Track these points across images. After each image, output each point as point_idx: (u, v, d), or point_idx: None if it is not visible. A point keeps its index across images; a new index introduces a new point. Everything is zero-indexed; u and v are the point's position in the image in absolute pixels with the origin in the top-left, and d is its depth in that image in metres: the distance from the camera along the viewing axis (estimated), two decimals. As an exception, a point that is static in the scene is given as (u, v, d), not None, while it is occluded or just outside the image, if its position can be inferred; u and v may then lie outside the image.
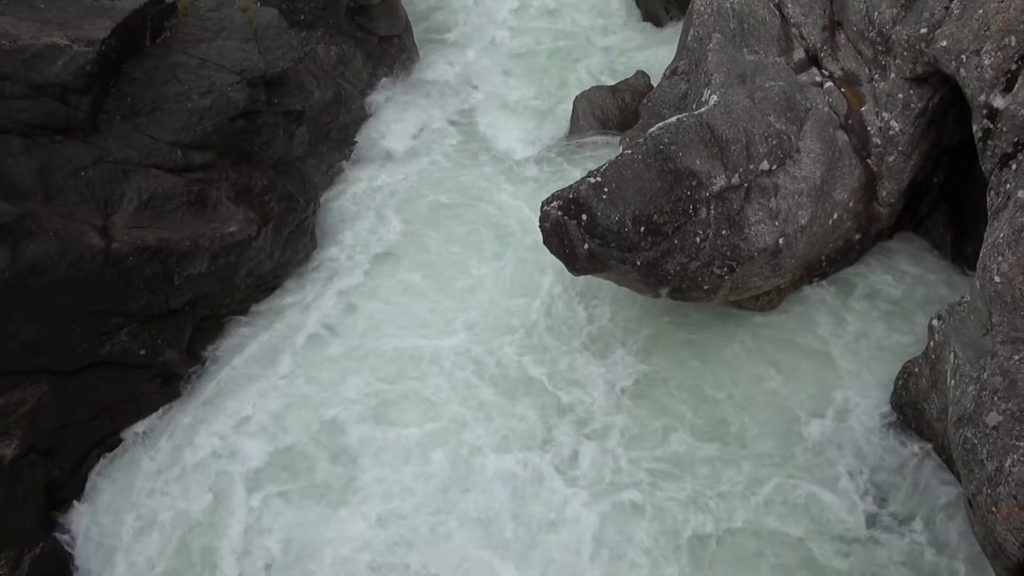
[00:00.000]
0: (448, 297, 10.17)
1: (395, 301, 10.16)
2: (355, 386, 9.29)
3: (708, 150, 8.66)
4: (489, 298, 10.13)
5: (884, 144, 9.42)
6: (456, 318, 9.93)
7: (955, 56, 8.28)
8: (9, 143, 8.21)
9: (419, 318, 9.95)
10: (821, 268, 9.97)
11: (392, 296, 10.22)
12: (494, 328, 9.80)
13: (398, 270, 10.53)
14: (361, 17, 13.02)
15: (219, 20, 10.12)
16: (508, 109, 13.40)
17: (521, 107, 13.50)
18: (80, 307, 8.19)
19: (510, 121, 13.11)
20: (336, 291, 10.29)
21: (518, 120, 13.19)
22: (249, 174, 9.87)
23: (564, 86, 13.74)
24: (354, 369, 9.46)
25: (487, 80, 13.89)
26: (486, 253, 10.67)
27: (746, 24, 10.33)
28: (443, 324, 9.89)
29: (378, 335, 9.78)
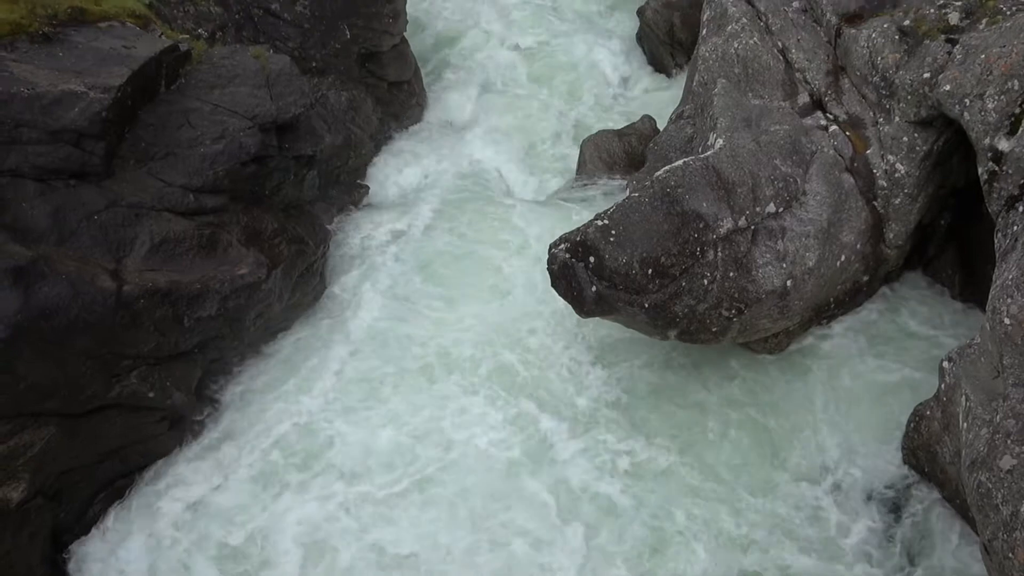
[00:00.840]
0: (453, 345, 10.14)
1: (402, 350, 10.13)
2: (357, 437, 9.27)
3: (715, 193, 8.72)
4: (493, 348, 10.07)
5: (890, 187, 9.47)
6: (460, 368, 9.89)
7: (959, 100, 8.36)
8: (24, 187, 8.32)
9: (423, 365, 9.92)
10: (829, 310, 9.95)
11: (398, 345, 10.19)
12: (498, 380, 9.74)
13: (406, 316, 10.52)
14: (371, 64, 13.26)
15: (232, 67, 10.30)
16: (515, 152, 13.55)
17: (528, 150, 13.66)
18: (91, 349, 8.22)
19: (517, 164, 13.25)
20: (344, 335, 10.29)
21: (525, 163, 13.34)
22: (260, 217, 9.97)
23: (571, 129, 13.91)
24: (359, 421, 9.42)
25: (495, 124, 14.05)
26: (493, 296, 10.67)
27: (751, 69, 10.47)
28: (446, 371, 9.85)
29: (382, 385, 9.76)
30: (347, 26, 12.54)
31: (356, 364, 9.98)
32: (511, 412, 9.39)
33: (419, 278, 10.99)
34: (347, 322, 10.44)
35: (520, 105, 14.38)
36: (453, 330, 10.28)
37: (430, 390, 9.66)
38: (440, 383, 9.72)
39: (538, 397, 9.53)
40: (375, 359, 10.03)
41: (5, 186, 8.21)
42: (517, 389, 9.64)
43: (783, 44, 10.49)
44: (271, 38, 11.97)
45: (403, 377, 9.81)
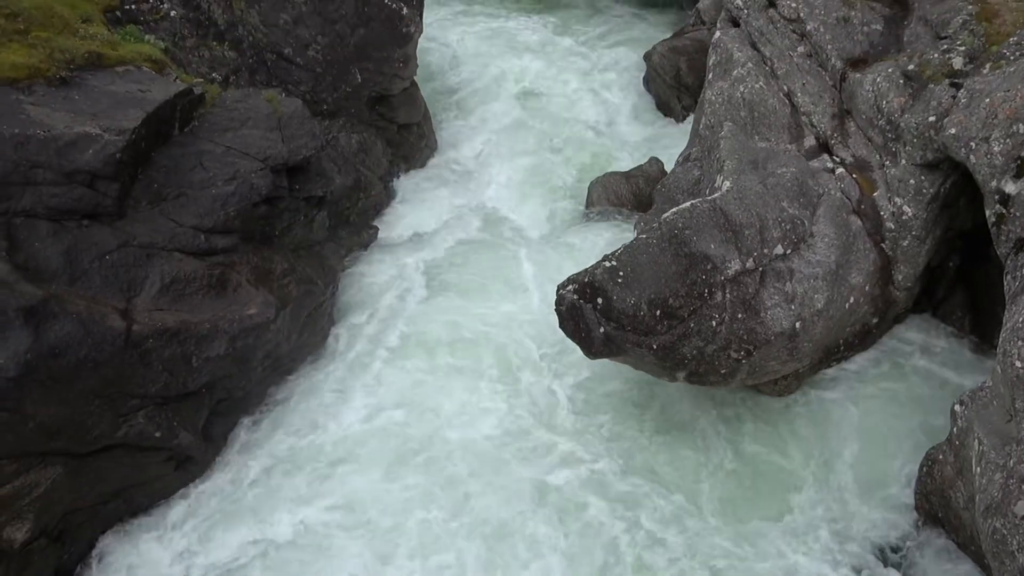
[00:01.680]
0: (456, 392, 10.06)
1: (406, 396, 10.05)
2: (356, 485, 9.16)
3: (722, 235, 8.75)
4: (497, 398, 9.99)
5: (898, 229, 9.49)
6: (460, 418, 9.81)
7: (964, 143, 8.41)
8: (38, 227, 8.41)
9: (426, 411, 9.85)
10: (839, 352, 9.90)
11: (404, 390, 10.12)
12: (501, 424, 9.66)
13: (412, 359, 10.47)
14: (382, 106, 13.45)
15: (245, 110, 10.46)
16: (523, 194, 13.64)
17: (536, 191, 13.75)
18: (99, 389, 8.22)
19: (525, 205, 13.33)
20: (349, 378, 10.25)
21: (533, 204, 13.41)
22: (270, 257, 10.03)
23: (579, 171, 14.01)
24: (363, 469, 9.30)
25: (503, 165, 14.18)
26: (499, 339, 10.63)
27: (757, 113, 10.58)
28: (446, 421, 9.77)
29: (386, 432, 9.66)
30: (358, 70, 12.75)
31: (356, 410, 9.93)
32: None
33: (426, 320, 10.97)
34: (353, 365, 10.38)
35: (528, 147, 14.52)
36: (455, 380, 10.19)
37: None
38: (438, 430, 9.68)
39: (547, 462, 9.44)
40: (375, 405, 9.97)
41: (19, 226, 8.29)
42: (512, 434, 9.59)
43: (789, 88, 10.60)
44: (284, 82, 12.17)
45: (403, 426, 9.74)
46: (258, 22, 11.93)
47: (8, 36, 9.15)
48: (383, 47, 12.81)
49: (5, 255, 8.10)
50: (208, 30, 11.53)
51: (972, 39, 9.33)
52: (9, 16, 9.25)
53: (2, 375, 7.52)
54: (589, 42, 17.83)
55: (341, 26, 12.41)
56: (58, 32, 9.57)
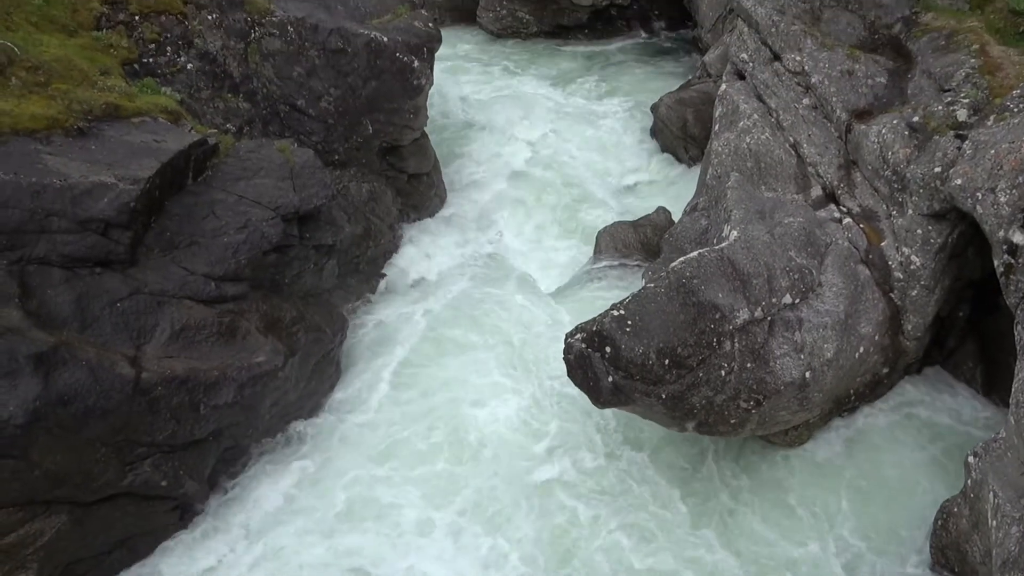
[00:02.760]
0: (459, 447, 9.98)
1: (411, 452, 9.98)
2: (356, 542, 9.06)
3: (730, 284, 8.76)
4: (503, 455, 9.87)
5: (906, 278, 9.48)
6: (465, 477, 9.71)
7: (971, 194, 8.45)
8: (51, 274, 8.48)
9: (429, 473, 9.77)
10: (850, 402, 9.82)
11: (409, 445, 10.05)
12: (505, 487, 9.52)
13: (418, 409, 10.43)
14: (392, 157, 13.63)
15: (258, 160, 10.61)
16: (531, 243, 13.73)
17: (544, 241, 13.84)
18: (106, 437, 8.20)
19: (533, 255, 13.41)
20: (356, 427, 10.19)
21: (541, 254, 13.49)
22: (279, 305, 10.07)
23: (587, 220, 14.10)
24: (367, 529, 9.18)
25: (511, 215, 14.30)
26: (507, 389, 10.58)
27: (763, 163, 10.68)
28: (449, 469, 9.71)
29: (389, 486, 9.58)
30: (370, 121, 12.95)
31: (362, 464, 9.84)
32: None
33: (433, 367, 10.94)
34: (359, 414, 10.33)
35: (536, 197, 14.65)
36: (460, 433, 10.11)
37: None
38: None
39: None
40: (379, 458, 9.89)
41: (32, 273, 8.37)
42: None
43: (794, 139, 10.71)
44: (296, 132, 12.37)
45: (407, 478, 9.65)
46: (272, 75, 12.18)
47: (29, 88, 9.36)
48: (394, 99, 13.03)
49: (18, 302, 8.16)
50: (223, 82, 11.76)
51: (976, 92, 9.44)
52: (31, 69, 9.47)
53: (10, 423, 7.52)
54: (597, 94, 18.12)
55: (353, 78, 12.65)
56: (77, 84, 9.78)
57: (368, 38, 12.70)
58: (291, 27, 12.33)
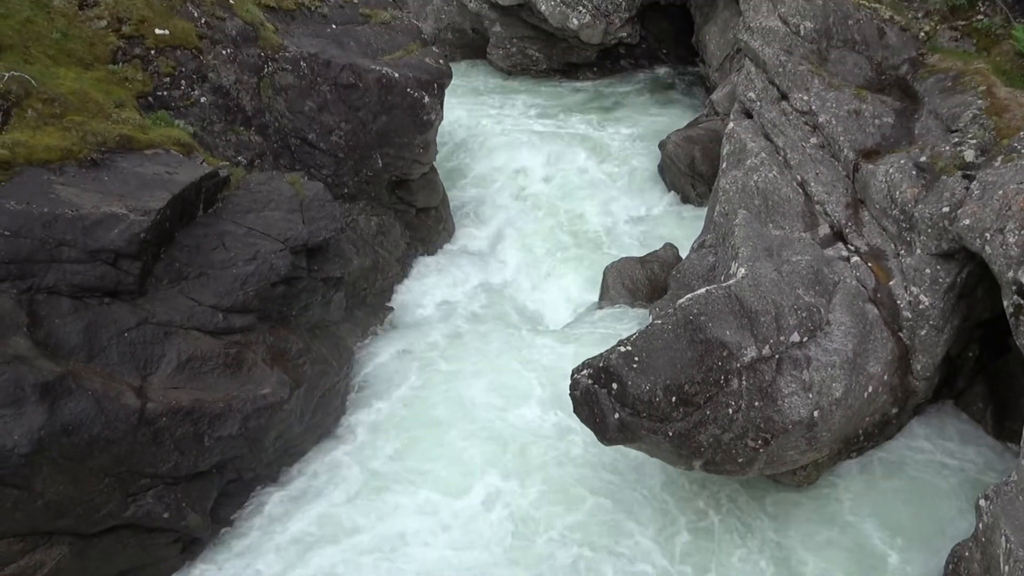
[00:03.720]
0: (465, 489, 9.80)
1: (416, 485, 9.86)
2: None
3: (738, 321, 8.73)
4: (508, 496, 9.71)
5: (915, 318, 9.44)
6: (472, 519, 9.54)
7: (979, 234, 8.45)
8: (60, 304, 8.53)
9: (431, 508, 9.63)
10: (859, 442, 9.73)
11: (413, 477, 9.93)
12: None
13: (424, 444, 10.31)
14: (401, 190, 13.73)
15: (268, 192, 10.71)
16: (538, 278, 13.75)
17: (551, 276, 13.85)
18: (109, 467, 8.17)
19: (540, 290, 13.41)
20: (361, 463, 10.10)
21: (548, 289, 13.49)
22: (286, 337, 10.08)
23: (594, 256, 14.13)
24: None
25: (519, 250, 14.34)
26: (514, 428, 10.49)
27: (771, 201, 10.71)
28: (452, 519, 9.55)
29: (393, 522, 9.46)
30: (379, 155, 13.07)
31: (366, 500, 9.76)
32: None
33: (439, 404, 10.87)
34: (365, 448, 10.24)
35: (544, 232, 14.70)
36: (465, 476, 9.96)
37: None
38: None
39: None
40: (383, 492, 9.80)
41: (41, 302, 8.41)
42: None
43: (802, 178, 10.76)
44: (307, 165, 12.49)
45: (411, 515, 9.52)
46: (284, 109, 12.33)
47: (44, 120, 9.49)
48: (404, 133, 13.17)
49: (26, 331, 8.19)
50: (236, 116, 11.91)
51: (983, 133, 9.48)
52: (46, 101, 9.61)
53: (15, 452, 7.51)
54: (605, 131, 18.24)
55: (364, 113, 12.80)
56: (92, 116, 9.91)
57: (379, 74, 12.87)
58: (304, 63, 12.51)
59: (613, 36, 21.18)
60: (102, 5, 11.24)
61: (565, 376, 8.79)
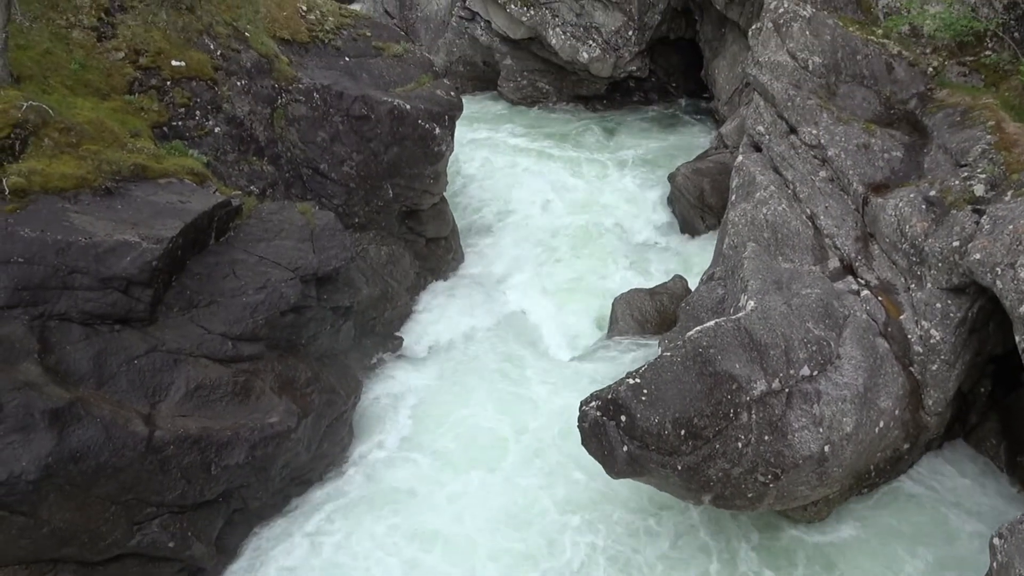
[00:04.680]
0: (470, 528, 9.69)
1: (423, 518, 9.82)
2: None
3: (747, 354, 8.69)
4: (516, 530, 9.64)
5: (926, 352, 9.38)
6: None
7: (990, 268, 8.42)
8: (71, 331, 8.57)
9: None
10: (870, 478, 9.62)
11: (421, 511, 9.88)
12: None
13: (431, 475, 10.27)
14: (411, 220, 13.81)
15: (279, 221, 10.78)
16: (548, 309, 13.73)
17: (560, 307, 13.83)
18: (116, 495, 8.16)
19: (550, 321, 13.39)
20: (368, 496, 10.03)
21: (558, 320, 13.47)
22: (294, 366, 10.08)
23: (603, 287, 14.12)
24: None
25: (528, 281, 14.35)
26: (520, 459, 10.41)
27: (780, 234, 10.71)
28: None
29: (399, 558, 9.38)
30: (390, 186, 13.16)
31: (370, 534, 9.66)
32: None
33: (445, 434, 10.81)
34: (370, 481, 10.18)
35: (553, 263, 14.72)
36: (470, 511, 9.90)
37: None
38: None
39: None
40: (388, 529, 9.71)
41: (53, 329, 8.46)
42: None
43: (811, 211, 10.76)
44: (318, 195, 12.58)
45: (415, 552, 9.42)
46: (297, 139, 12.46)
47: (61, 149, 9.60)
48: (415, 164, 13.27)
49: (36, 357, 8.23)
50: (249, 146, 12.04)
51: (992, 167, 9.49)
52: (63, 130, 9.74)
53: (22, 478, 7.51)
54: (614, 163, 18.35)
55: (376, 144, 12.92)
56: (108, 145, 10.03)
57: (391, 105, 13.01)
58: (317, 94, 12.67)
59: (623, 70, 21.39)
60: (120, 37, 11.44)
61: (573, 407, 8.75)
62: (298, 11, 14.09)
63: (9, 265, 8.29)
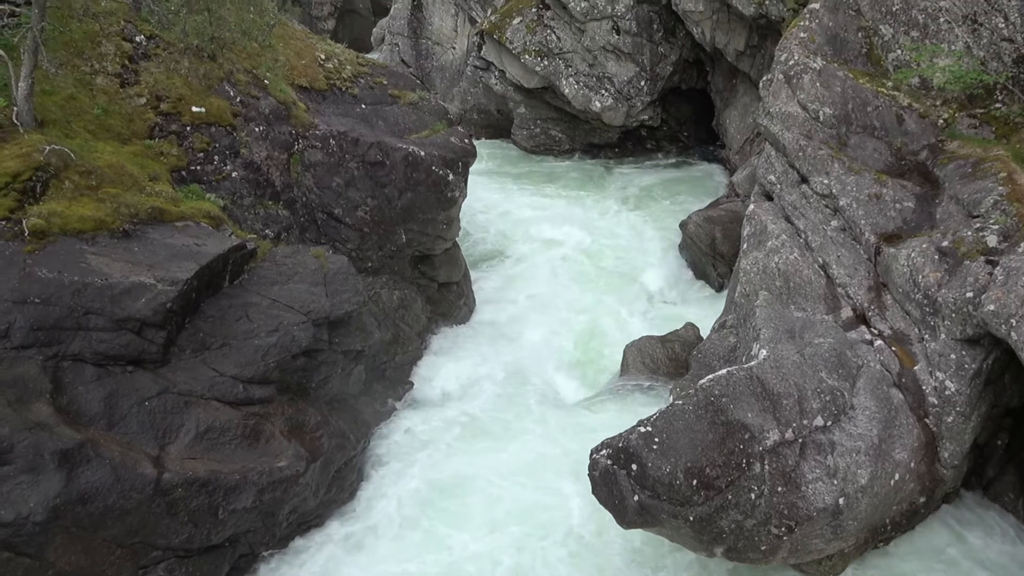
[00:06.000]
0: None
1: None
2: None
3: (759, 403, 8.62)
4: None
5: (941, 404, 9.27)
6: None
7: (1004, 320, 8.36)
8: (84, 371, 8.62)
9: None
10: (886, 532, 9.44)
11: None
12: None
13: (438, 527, 10.07)
14: (424, 265, 13.89)
15: (293, 265, 10.87)
16: (559, 355, 13.69)
17: (572, 353, 13.80)
18: (122, 538, 8.10)
19: (560, 367, 13.34)
20: (372, 544, 9.85)
21: (568, 366, 13.42)
22: (304, 409, 10.07)
23: (614, 334, 14.09)
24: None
25: (538, 326, 14.34)
26: (532, 509, 10.31)
27: (792, 283, 10.69)
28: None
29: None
30: (404, 231, 13.28)
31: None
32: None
33: (455, 484, 10.67)
34: (378, 530, 10.04)
35: (564, 310, 14.72)
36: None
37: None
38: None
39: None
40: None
41: (66, 369, 8.52)
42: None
43: (823, 260, 10.76)
44: (332, 239, 12.70)
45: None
46: (312, 184, 12.62)
47: (81, 191, 9.77)
48: (428, 210, 13.40)
49: (49, 397, 8.27)
50: (265, 190, 12.20)
51: (1004, 218, 9.49)
52: (84, 173, 9.92)
53: (29, 520, 7.49)
54: (626, 210, 18.48)
55: (390, 189, 13.07)
56: (127, 189, 10.20)
57: (406, 152, 13.19)
58: (333, 140, 12.87)
59: (635, 119, 21.67)
60: (143, 83, 11.70)
61: (584, 454, 8.67)
62: (316, 60, 14.41)
63: (26, 305, 8.38)
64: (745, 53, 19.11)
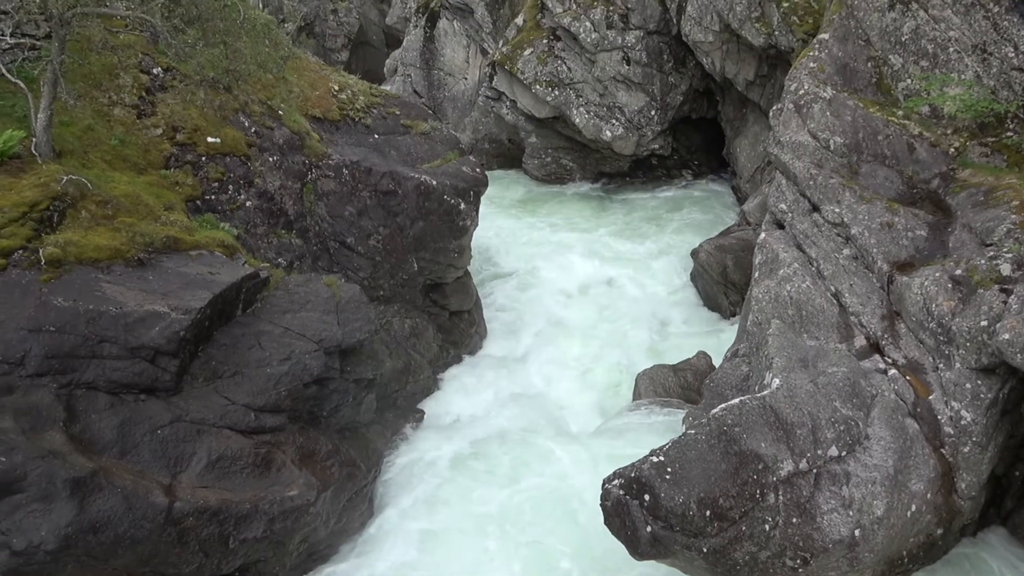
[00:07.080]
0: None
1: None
2: None
3: (773, 433, 8.55)
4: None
5: (957, 434, 9.17)
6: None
7: (1019, 349, 8.29)
8: (97, 399, 8.65)
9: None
10: (903, 565, 9.29)
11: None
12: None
13: (455, 564, 9.96)
14: (435, 294, 13.92)
15: (305, 293, 10.91)
16: (570, 383, 13.65)
17: (583, 382, 13.76)
18: (133, 567, 8.08)
19: (572, 395, 13.30)
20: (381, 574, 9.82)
21: (580, 394, 13.37)
22: (315, 438, 10.06)
23: (626, 362, 14.04)
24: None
25: (550, 356, 14.31)
26: (538, 540, 10.19)
27: (804, 312, 10.65)
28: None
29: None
30: (416, 259, 13.34)
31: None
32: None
33: (465, 513, 10.59)
34: (389, 557, 9.99)
35: (576, 339, 14.69)
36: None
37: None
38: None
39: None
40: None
41: (80, 397, 8.55)
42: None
43: (836, 288, 10.72)
44: (344, 268, 12.77)
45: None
46: (325, 213, 12.73)
47: (97, 221, 9.88)
48: (440, 239, 13.46)
49: (62, 425, 8.30)
50: (279, 219, 12.31)
51: (1018, 247, 9.45)
52: (100, 203, 10.04)
53: (41, 549, 7.48)
54: (637, 239, 18.49)
55: (402, 218, 13.15)
56: (142, 218, 10.32)
57: (418, 181, 13.30)
58: (346, 170, 12.99)
59: (645, 148, 21.78)
60: (159, 114, 11.88)
61: (596, 484, 8.60)
62: (330, 91, 14.59)
63: (41, 334, 8.44)
64: (755, 83, 19.22)
